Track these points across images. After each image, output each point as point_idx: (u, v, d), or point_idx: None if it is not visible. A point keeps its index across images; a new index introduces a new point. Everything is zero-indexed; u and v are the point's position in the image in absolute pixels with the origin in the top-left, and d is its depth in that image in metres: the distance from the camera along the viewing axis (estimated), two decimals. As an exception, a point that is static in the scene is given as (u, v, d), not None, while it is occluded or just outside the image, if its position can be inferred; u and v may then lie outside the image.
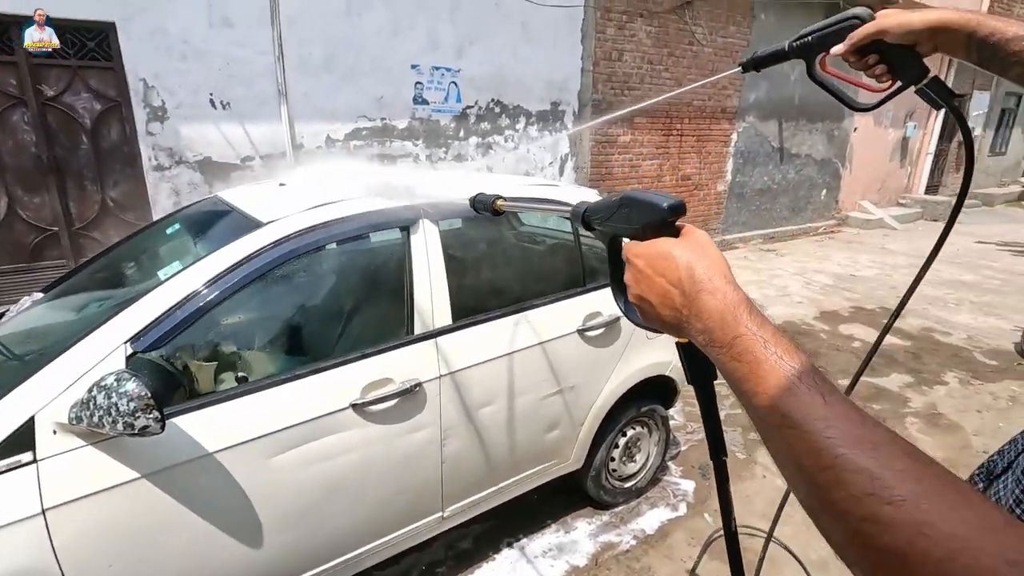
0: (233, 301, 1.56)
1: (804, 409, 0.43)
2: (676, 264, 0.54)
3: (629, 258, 0.59)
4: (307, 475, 1.61)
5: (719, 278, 0.53)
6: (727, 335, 0.50)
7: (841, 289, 6.34)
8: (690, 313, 0.53)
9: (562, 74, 6.09)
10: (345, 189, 1.90)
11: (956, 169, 12.44)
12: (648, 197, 0.59)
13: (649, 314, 0.58)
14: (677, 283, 0.54)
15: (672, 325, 0.56)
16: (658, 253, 0.56)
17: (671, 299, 0.54)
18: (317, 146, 4.86)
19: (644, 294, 0.57)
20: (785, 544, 2.44)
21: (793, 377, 0.45)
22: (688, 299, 0.53)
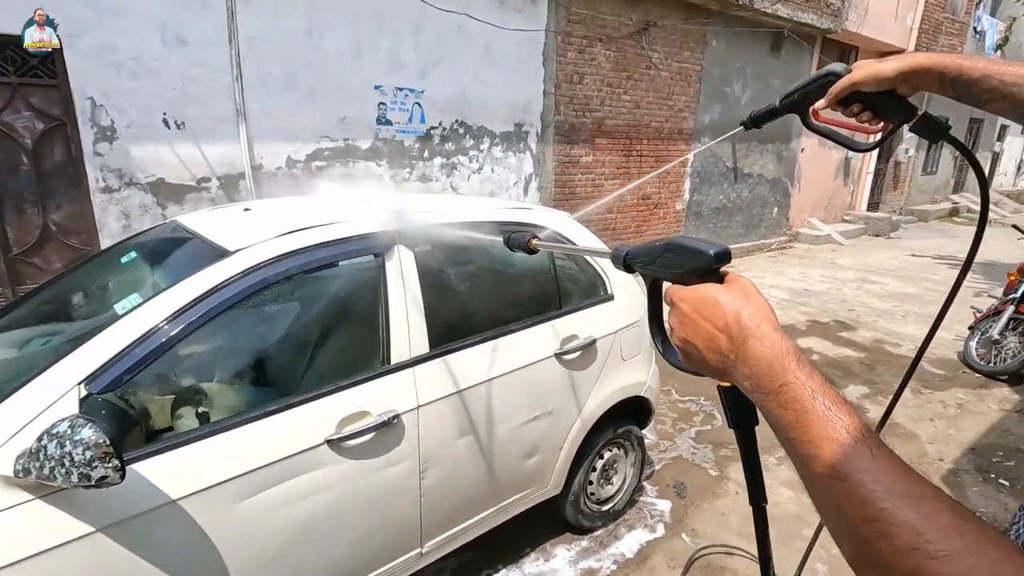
0: (198, 335, 1.47)
1: (851, 461, 0.43)
2: (723, 310, 0.55)
3: (674, 302, 0.60)
4: (280, 518, 1.52)
5: (766, 325, 0.54)
6: (774, 382, 0.50)
7: (797, 303, 6.58)
8: (736, 358, 0.54)
9: (525, 96, 6.17)
10: (316, 214, 1.84)
11: (894, 188, 13.21)
12: (694, 244, 0.60)
13: (693, 357, 0.59)
14: (724, 328, 0.55)
15: (717, 369, 0.56)
16: (704, 298, 0.57)
17: (717, 344, 0.55)
18: (277, 167, 4.74)
19: (689, 337, 0.58)
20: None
21: (840, 429, 0.46)
22: (735, 344, 0.54)
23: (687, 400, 4.00)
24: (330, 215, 1.83)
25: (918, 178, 14.09)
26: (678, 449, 3.36)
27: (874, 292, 7.15)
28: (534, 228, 2.24)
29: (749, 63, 8.48)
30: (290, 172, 4.81)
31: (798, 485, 3.00)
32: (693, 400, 4.00)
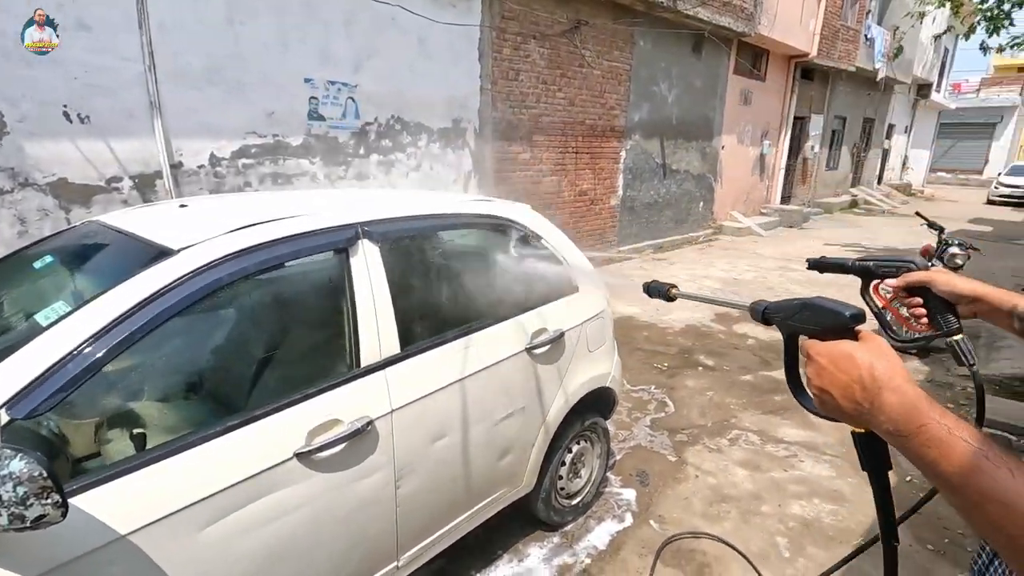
0: (141, 346, 1.29)
1: (999, 484, 0.51)
2: (857, 364, 0.62)
3: (811, 355, 0.67)
4: (248, 543, 1.37)
5: (899, 378, 0.61)
6: (912, 425, 0.57)
7: (728, 292, 6.91)
8: (872, 407, 0.61)
9: (462, 92, 6.07)
10: (269, 209, 1.68)
11: (803, 182, 14.23)
12: (832, 306, 0.67)
13: (829, 404, 0.66)
14: (858, 380, 0.62)
15: (852, 416, 0.64)
16: (841, 353, 0.64)
17: (852, 393, 0.62)
18: (199, 165, 4.37)
19: (826, 387, 0.65)
20: (729, 542, 2.53)
21: (980, 456, 0.53)
22: (869, 394, 0.61)
23: (639, 389, 4.08)
24: (286, 209, 1.68)
25: (823, 173, 15.26)
26: (636, 438, 3.41)
27: (795, 279, 7.64)
28: (502, 221, 2.18)
29: (674, 63, 8.82)
30: (214, 170, 4.45)
31: (752, 464, 3.14)
32: (645, 389, 4.09)
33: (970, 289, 0.97)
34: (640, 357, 4.68)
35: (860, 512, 2.76)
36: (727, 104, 10.36)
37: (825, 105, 14.08)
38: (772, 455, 3.25)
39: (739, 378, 4.36)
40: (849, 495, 2.88)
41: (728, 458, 3.21)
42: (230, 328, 1.63)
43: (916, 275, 1.02)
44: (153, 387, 1.57)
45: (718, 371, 4.48)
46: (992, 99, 28.68)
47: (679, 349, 4.92)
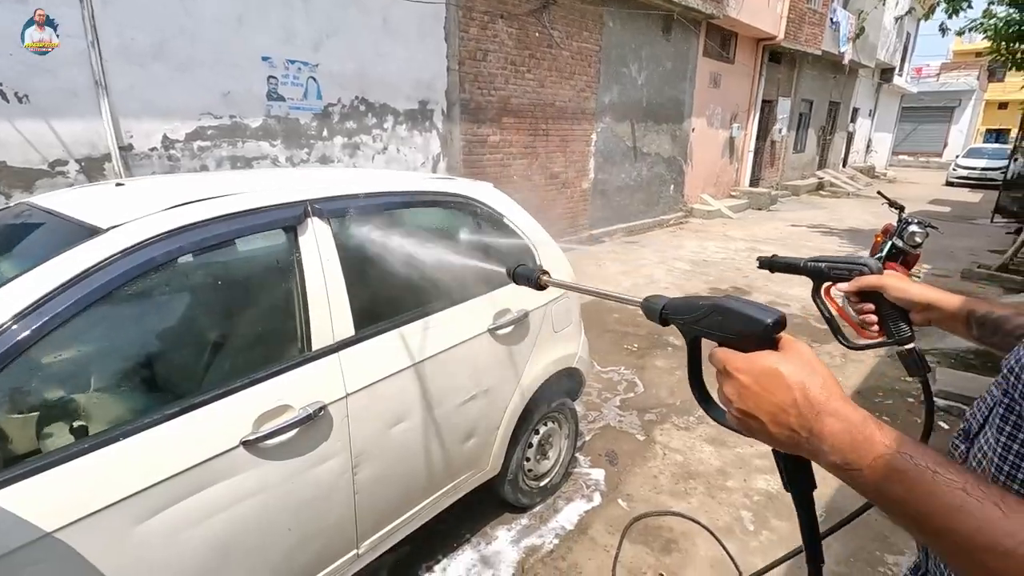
0: (67, 332, 1.21)
1: (988, 528, 0.43)
2: (787, 383, 0.53)
3: (729, 370, 0.57)
4: (192, 537, 1.30)
5: (836, 399, 0.53)
6: (864, 458, 0.49)
7: (698, 273, 6.98)
8: (811, 435, 0.52)
9: (429, 73, 5.93)
10: (210, 186, 1.59)
11: (771, 165, 14.43)
12: (747, 310, 0.57)
13: (755, 429, 0.57)
14: (791, 404, 0.53)
15: (784, 444, 0.55)
16: (764, 370, 0.55)
17: (785, 420, 0.54)
18: (151, 147, 4.18)
19: (751, 411, 0.56)
20: (694, 518, 2.55)
21: (959, 492, 0.45)
22: (806, 421, 0.52)
23: (609, 371, 4.09)
24: (231, 187, 1.59)
25: (790, 156, 15.50)
26: (605, 418, 3.42)
27: (762, 259, 7.75)
28: (462, 199, 2.12)
29: (643, 45, 8.78)
30: (167, 153, 4.26)
31: (718, 440, 3.17)
32: (615, 370, 4.10)
33: (924, 296, 0.92)
34: (610, 339, 4.69)
35: (823, 486, 2.79)
36: (697, 87, 10.39)
37: (792, 88, 14.26)
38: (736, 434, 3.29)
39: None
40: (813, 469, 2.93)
41: (696, 436, 3.24)
42: (172, 312, 1.54)
43: (869, 279, 0.97)
44: (93, 376, 1.48)
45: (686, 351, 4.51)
46: (951, 83, 29.51)
47: (649, 330, 4.94)
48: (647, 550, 2.36)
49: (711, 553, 2.35)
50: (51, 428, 1.30)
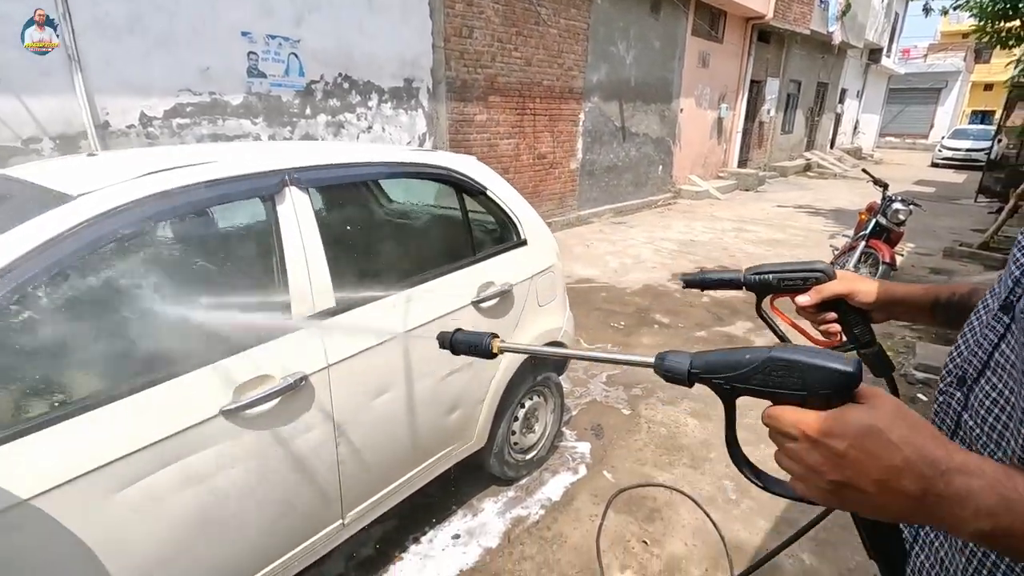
0: (33, 305, 1.19)
1: None
2: (892, 442, 0.46)
3: (810, 436, 0.48)
4: (172, 507, 1.30)
5: (956, 451, 0.46)
6: (1018, 517, 0.43)
7: (685, 253, 7.01)
8: (939, 499, 0.45)
9: (413, 50, 5.84)
10: (185, 156, 1.56)
11: (759, 146, 14.45)
12: (820, 360, 0.48)
13: (854, 501, 0.48)
14: (906, 468, 0.45)
15: (896, 513, 0.48)
16: (862, 430, 0.46)
17: (899, 486, 0.46)
18: (129, 125, 4.08)
19: (851, 481, 0.47)
20: (678, 488, 2.59)
21: None
22: (929, 484, 0.45)
23: (596, 347, 4.11)
24: (203, 156, 1.56)
25: (778, 137, 15.52)
26: (591, 394, 3.45)
27: (749, 239, 7.80)
28: (444, 171, 2.10)
29: (632, 23, 8.69)
30: (145, 131, 4.17)
31: (702, 414, 3.21)
32: (602, 347, 4.12)
33: (888, 294, 0.89)
34: (598, 317, 4.71)
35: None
36: (685, 66, 10.32)
37: (781, 69, 14.22)
38: (722, 406, 3.33)
39: (693, 334, 4.45)
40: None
41: (680, 410, 3.27)
42: (147, 282, 1.51)
43: (832, 287, 0.89)
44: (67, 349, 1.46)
45: (673, 328, 4.55)
46: (938, 65, 29.59)
47: (636, 308, 4.97)
48: (631, 519, 2.40)
49: (694, 522, 2.39)
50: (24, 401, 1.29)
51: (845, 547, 2.25)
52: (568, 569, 2.14)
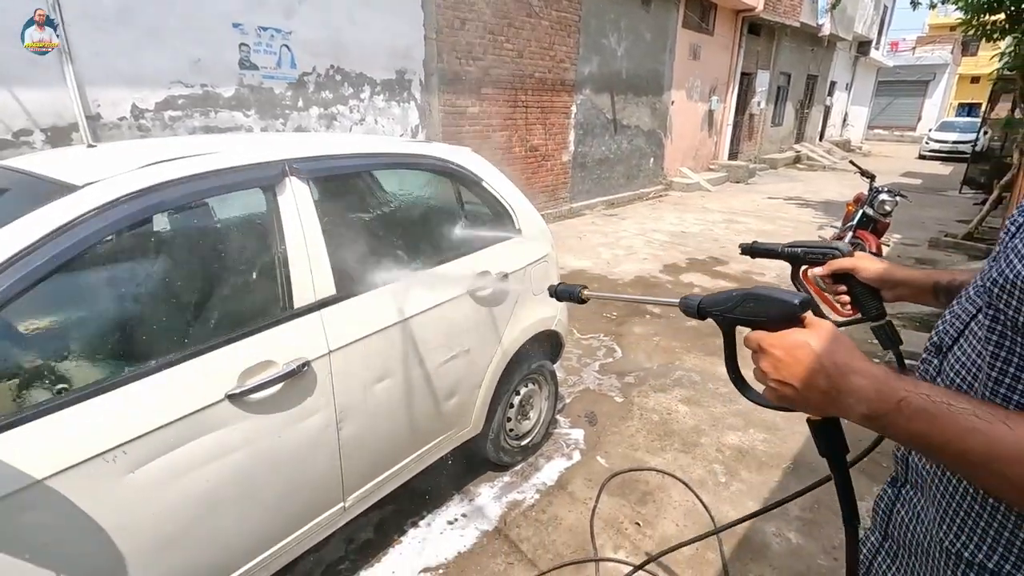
0: (43, 294, 1.21)
1: (999, 441, 0.51)
2: (816, 352, 0.61)
3: (764, 348, 0.65)
4: (179, 488, 1.34)
5: (858, 360, 0.61)
6: (889, 402, 0.57)
7: (677, 244, 7.08)
8: (840, 393, 0.60)
9: (405, 41, 5.83)
10: (186, 147, 1.58)
11: (749, 138, 14.54)
12: (779, 295, 0.66)
13: (790, 397, 0.64)
14: (821, 369, 0.60)
15: (817, 405, 0.63)
16: (796, 343, 0.63)
17: (816, 383, 0.61)
18: (120, 117, 4.07)
19: (786, 379, 0.63)
20: (669, 471, 2.66)
21: (971, 417, 0.52)
22: (835, 381, 0.60)
23: (589, 337, 4.17)
24: (204, 147, 1.58)
25: (768, 129, 15.62)
26: (585, 382, 3.51)
27: (739, 231, 7.89)
28: (441, 162, 2.13)
29: (623, 15, 8.71)
30: (137, 123, 4.15)
31: (693, 401, 3.28)
32: (594, 337, 4.18)
33: (891, 275, 0.99)
34: (590, 307, 4.76)
35: (791, 439, 2.95)
36: (676, 58, 10.36)
37: (771, 61, 14.30)
38: (713, 392, 3.41)
39: (684, 324, 4.52)
40: (781, 424, 3.06)
41: (672, 397, 3.34)
42: (153, 270, 1.54)
43: (840, 262, 1.03)
44: (75, 337, 1.48)
45: (664, 318, 4.62)
46: (926, 57, 29.82)
47: (628, 299, 5.03)
48: (624, 502, 2.46)
49: (685, 504, 2.46)
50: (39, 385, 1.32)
51: (829, 526, 2.33)
52: (563, 550, 2.20)
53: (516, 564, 2.13)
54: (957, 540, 0.63)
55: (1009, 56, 7.40)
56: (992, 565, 0.60)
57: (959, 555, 0.63)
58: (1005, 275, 0.58)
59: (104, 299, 1.43)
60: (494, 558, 2.16)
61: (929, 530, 0.68)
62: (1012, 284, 0.56)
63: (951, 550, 0.64)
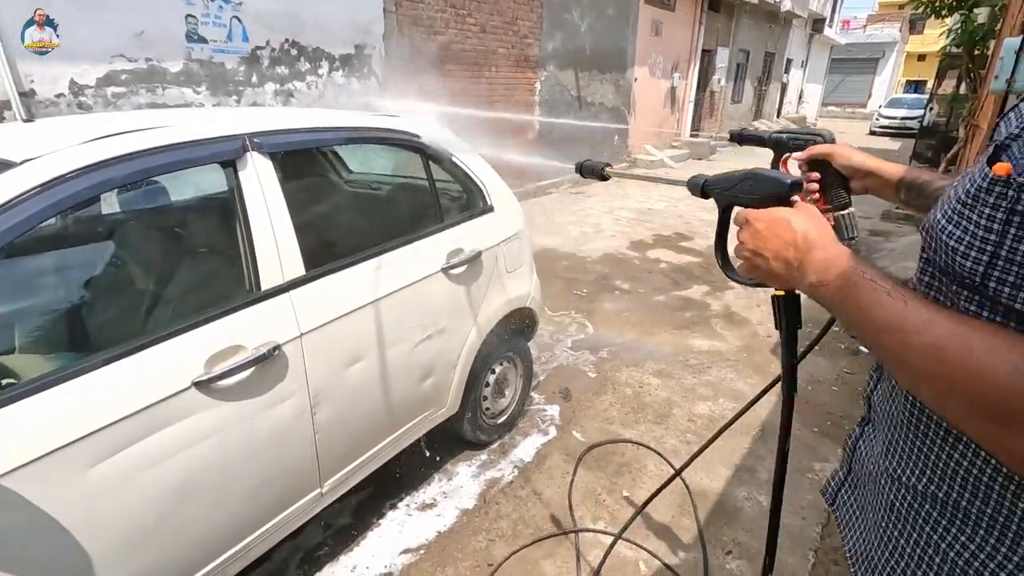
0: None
1: (891, 313, 0.55)
2: (792, 228, 0.67)
3: (749, 219, 0.71)
4: (147, 481, 1.27)
5: (828, 239, 0.66)
6: (830, 273, 0.62)
7: (643, 221, 7.15)
8: (801, 265, 0.65)
9: (364, 15, 5.62)
10: (136, 121, 1.47)
11: (710, 115, 14.73)
12: (773, 175, 0.72)
13: (759, 268, 0.70)
14: (792, 243, 0.66)
15: (780, 276, 0.68)
16: (777, 218, 0.68)
17: (784, 254, 0.66)
18: (58, 94, 3.80)
19: (760, 250, 0.69)
20: (643, 442, 2.71)
21: (883, 294, 0.56)
22: (800, 254, 0.65)
23: (560, 314, 4.18)
24: (155, 120, 1.48)
25: (728, 106, 15.85)
26: (558, 359, 3.52)
27: (703, 207, 8.00)
28: (409, 137, 2.07)
29: (585, -11, 8.60)
30: (77, 100, 3.88)
31: (665, 374, 3.34)
32: (566, 313, 4.20)
33: (864, 163, 1.02)
34: (561, 285, 4.78)
35: (758, 407, 2.99)
36: (639, 35, 10.33)
37: (731, 38, 14.44)
38: (683, 364, 3.48)
39: (653, 299, 4.58)
40: (748, 392, 3.15)
41: (645, 371, 3.39)
42: (106, 254, 1.45)
43: (820, 148, 1.06)
44: (22, 328, 1.38)
45: (634, 293, 4.68)
46: (876, 35, 30.70)
47: (597, 276, 5.06)
48: (601, 474, 2.50)
49: (659, 473, 2.51)
50: None
51: (797, 488, 2.42)
52: (543, 523, 2.22)
53: (497, 540, 2.14)
54: (897, 466, 0.68)
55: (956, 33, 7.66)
56: (921, 486, 0.64)
57: (898, 479, 0.67)
58: (929, 219, 0.62)
59: (52, 286, 1.34)
60: (475, 536, 2.16)
61: (878, 461, 0.72)
62: (931, 227, 0.60)
63: (893, 475, 0.68)
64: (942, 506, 0.62)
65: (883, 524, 0.70)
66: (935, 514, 0.62)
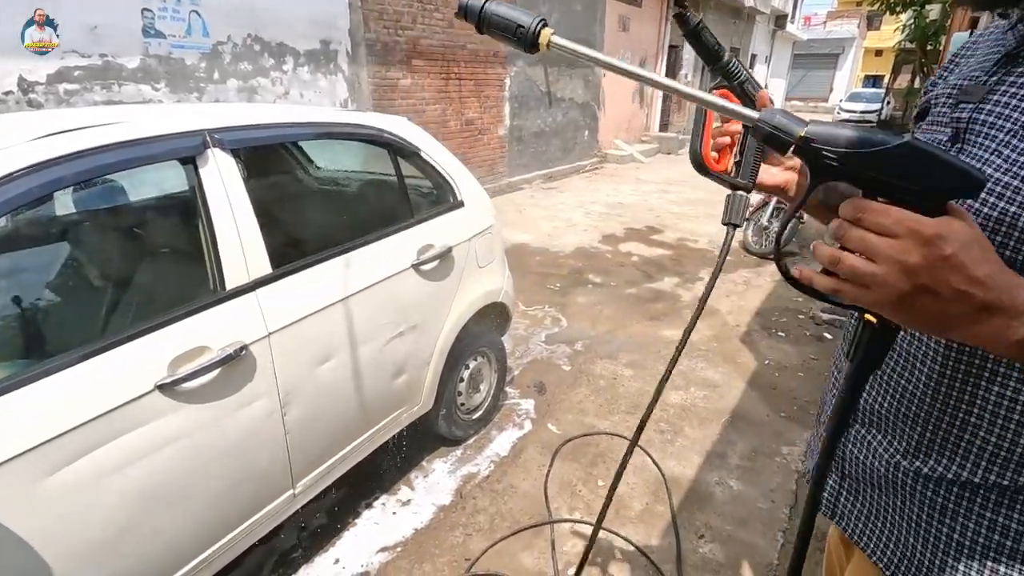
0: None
1: None
2: (985, 255, 0.45)
3: (923, 233, 0.44)
4: (110, 488, 1.24)
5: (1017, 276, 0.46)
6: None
7: (614, 215, 7.22)
8: (1001, 310, 0.45)
9: (329, 9, 5.52)
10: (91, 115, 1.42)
11: (679, 110, 14.93)
12: (954, 161, 0.43)
13: (922, 307, 0.46)
14: (987, 279, 0.44)
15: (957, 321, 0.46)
16: (971, 239, 0.44)
17: (974, 293, 0.45)
18: (6, 91, 3.64)
19: (938, 286, 0.44)
20: (617, 433, 2.75)
21: None
22: (998, 296, 0.45)
23: (534, 309, 4.20)
24: (109, 116, 1.43)
25: (695, 101, 16.07)
26: (532, 353, 3.54)
27: (673, 200, 8.14)
28: (377, 132, 2.04)
29: (553, -15, 8.62)
30: (27, 97, 3.73)
31: (637, 365, 3.38)
32: (539, 308, 4.22)
33: None
34: (533, 279, 4.79)
35: (728, 395, 3.11)
36: (607, 30, 10.40)
37: (696, 34, 14.62)
38: (656, 355, 3.53)
39: (625, 292, 4.64)
40: (719, 382, 3.22)
41: (618, 363, 3.43)
42: (61, 255, 1.40)
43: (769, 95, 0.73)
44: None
45: (606, 287, 4.72)
46: (836, 31, 31.56)
47: (570, 270, 5.10)
48: (577, 465, 2.52)
49: (634, 462, 2.55)
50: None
51: (766, 472, 2.49)
52: (520, 516, 2.23)
53: (474, 535, 2.14)
54: (936, 464, 0.67)
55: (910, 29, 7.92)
56: (977, 479, 0.65)
57: (939, 478, 0.67)
58: (994, 214, 0.59)
59: (4, 289, 1.28)
60: (452, 531, 2.16)
61: (890, 461, 0.72)
62: (1011, 221, 0.57)
63: (930, 475, 0.68)
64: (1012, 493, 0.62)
65: (924, 525, 0.70)
66: (1006, 501, 0.63)
